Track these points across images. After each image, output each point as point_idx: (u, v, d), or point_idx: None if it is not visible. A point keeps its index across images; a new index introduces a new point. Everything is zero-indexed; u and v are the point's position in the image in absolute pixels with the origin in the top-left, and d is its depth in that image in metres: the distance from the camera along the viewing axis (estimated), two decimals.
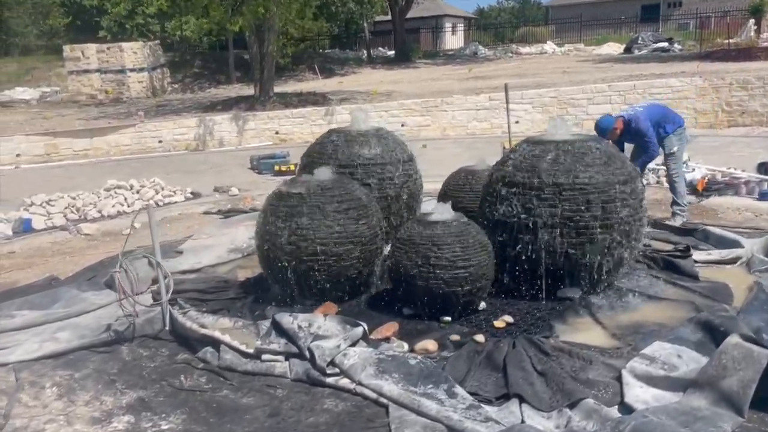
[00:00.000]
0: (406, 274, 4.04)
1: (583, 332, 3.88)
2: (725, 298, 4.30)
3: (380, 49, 32.76)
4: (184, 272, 5.18)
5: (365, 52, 30.83)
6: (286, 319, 3.62)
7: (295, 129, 14.60)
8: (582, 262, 4.23)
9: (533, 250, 4.25)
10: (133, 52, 21.92)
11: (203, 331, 3.74)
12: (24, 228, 6.90)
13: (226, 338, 3.67)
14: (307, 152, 5.46)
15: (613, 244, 4.23)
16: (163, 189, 8.30)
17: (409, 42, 29.07)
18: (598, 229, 4.17)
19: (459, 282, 3.97)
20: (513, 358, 3.38)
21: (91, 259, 5.99)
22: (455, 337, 3.79)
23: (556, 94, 15.13)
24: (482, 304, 4.25)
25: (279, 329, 3.62)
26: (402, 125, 15.06)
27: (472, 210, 4.79)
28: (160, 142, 13.72)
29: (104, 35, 26.78)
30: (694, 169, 7.70)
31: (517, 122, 15.05)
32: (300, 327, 3.57)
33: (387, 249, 4.57)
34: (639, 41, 24.69)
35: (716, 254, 5.08)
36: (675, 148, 6.08)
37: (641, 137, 5.97)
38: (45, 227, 7.04)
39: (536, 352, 3.46)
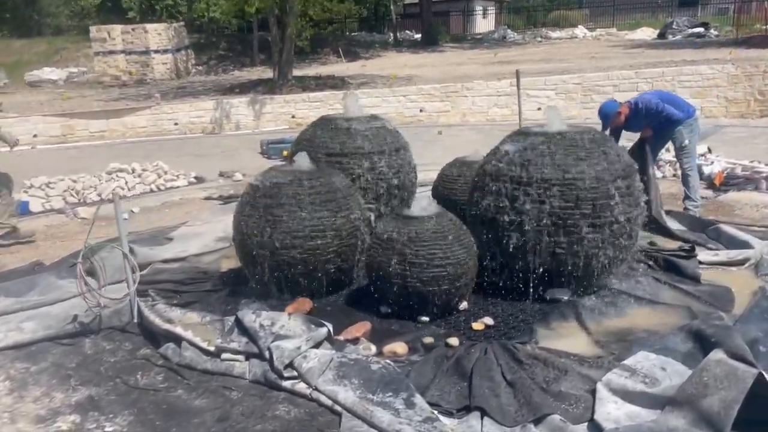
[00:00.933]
0: (382, 272, 3.85)
1: (565, 338, 3.65)
2: (725, 303, 4.02)
3: (407, 32, 32.33)
4: (166, 261, 5.06)
5: (392, 35, 30.45)
6: (248, 317, 3.47)
7: (312, 113, 14.38)
8: (570, 262, 3.99)
9: (519, 249, 4.02)
10: (158, 34, 21.95)
11: (165, 326, 3.61)
12: (21, 210, 6.86)
13: (188, 334, 3.53)
14: (297, 140, 5.27)
15: (605, 245, 3.97)
16: (165, 173, 8.22)
17: (436, 25, 28.59)
18: (588, 229, 3.91)
19: (436, 281, 3.76)
20: (481, 366, 3.17)
21: (82, 244, 5.91)
22: (428, 340, 3.60)
23: (580, 81, 14.67)
24: (464, 304, 4.04)
25: (241, 327, 3.47)
26: (420, 110, 14.80)
27: (466, 203, 4.57)
28: (176, 124, 13.68)
29: (133, 16, 26.84)
30: (712, 162, 7.32)
31: (539, 109, 14.63)
32: (262, 326, 3.41)
33: None
34: (673, 26, 23.86)
35: (723, 255, 4.77)
36: (686, 141, 5.74)
37: (656, 114, 5.57)
38: (42, 210, 6.99)
39: (509, 359, 3.24)
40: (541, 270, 4.04)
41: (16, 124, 12.42)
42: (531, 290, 4.12)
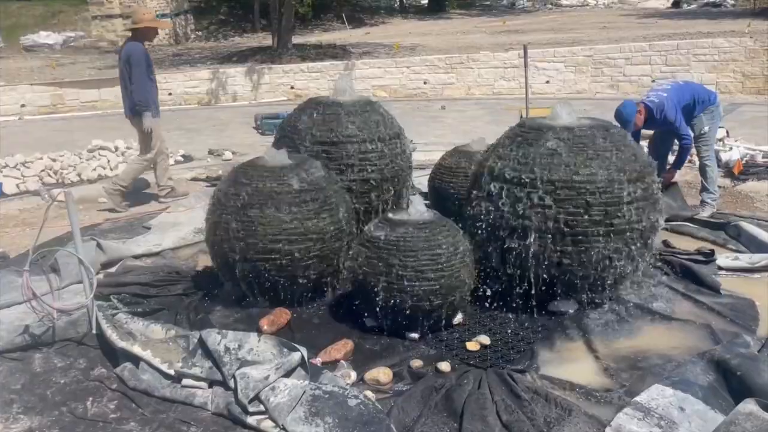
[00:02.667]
0: (366, 284, 3.45)
1: (570, 363, 3.25)
2: (749, 320, 3.62)
3: None
4: (138, 257, 4.67)
5: (398, 0, 29.60)
6: (213, 338, 3.08)
7: (311, 84, 13.89)
8: (579, 273, 3.57)
9: (521, 257, 3.60)
10: None
11: (121, 344, 3.22)
12: None
13: (147, 354, 3.15)
14: (281, 125, 4.83)
15: (617, 255, 3.55)
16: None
17: None
18: (599, 237, 3.49)
19: (427, 296, 3.36)
20: (474, 404, 2.78)
21: (57, 231, 5.52)
22: (417, 363, 3.21)
23: (591, 53, 14.05)
24: (459, 317, 3.65)
25: (205, 349, 3.08)
26: (424, 83, 14.25)
27: (464, 201, 4.14)
28: (170, 94, 13.16)
29: None
30: (731, 148, 6.84)
31: (547, 82, 14.12)
32: (227, 349, 3.02)
33: None
34: None
35: (745, 259, 4.35)
36: (706, 128, 5.27)
37: (671, 126, 5.23)
38: (17, 192, 6.59)
39: (505, 394, 2.85)
40: (546, 281, 3.63)
41: (3, 94, 11.97)
42: (534, 303, 3.72)
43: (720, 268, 4.28)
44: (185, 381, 3.03)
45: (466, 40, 17.59)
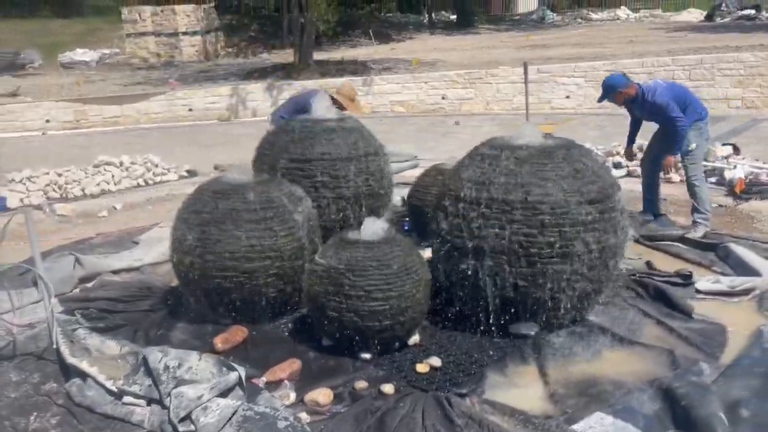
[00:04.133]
0: (318, 303, 3.44)
1: (518, 388, 3.18)
2: (715, 346, 3.48)
3: (443, 12, 31.50)
4: (117, 272, 4.75)
5: (426, 16, 29.71)
6: (154, 356, 3.10)
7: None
8: (535, 295, 3.50)
9: (478, 278, 3.55)
10: (186, 15, 21.79)
11: (70, 360, 3.27)
12: None
13: (93, 371, 3.19)
14: (260, 143, 4.88)
15: (574, 277, 3.47)
16: (156, 166, 7.93)
17: (470, 6, 27.71)
18: (555, 258, 3.41)
19: (376, 316, 3.33)
20: (404, 428, 2.74)
21: (49, 246, 5.67)
22: (361, 385, 3.17)
23: (612, 67, 13.80)
24: (415, 338, 3.60)
25: (146, 367, 3.10)
26: (442, 98, 14.23)
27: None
28: (191, 110, 13.44)
29: None
30: (735, 166, 6.63)
31: (567, 97, 13.97)
32: (167, 367, 3.04)
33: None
34: (722, 8, 22.52)
35: (726, 283, 4.19)
36: (693, 145, 5.11)
37: (661, 112, 5.07)
38: (20, 206, 6.78)
39: (439, 418, 2.80)
40: (502, 302, 3.56)
41: (28, 110, 12.39)
42: (491, 324, 3.65)
43: (698, 291, 4.14)
44: (126, 398, 3.06)
45: (490, 54, 17.55)
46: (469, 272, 3.56)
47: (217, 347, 3.55)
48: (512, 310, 3.61)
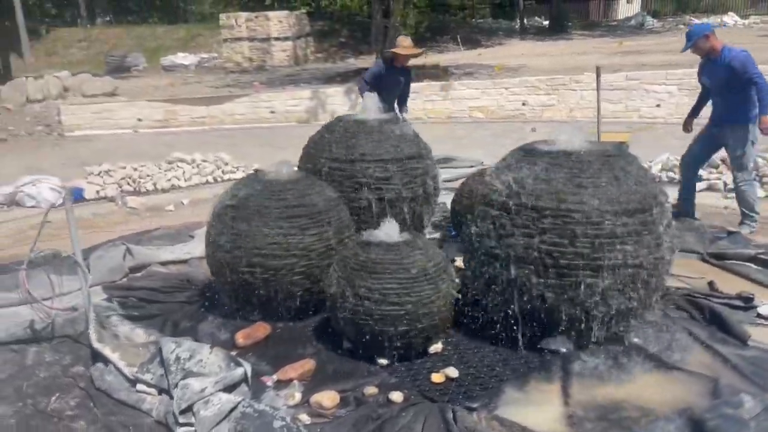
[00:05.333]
0: (335, 304, 3.38)
1: (534, 406, 2.99)
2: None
3: (536, 18, 30.86)
4: (165, 263, 4.89)
5: (518, 21, 29.18)
6: (168, 347, 3.15)
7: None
8: (564, 309, 3.29)
9: (505, 288, 3.38)
10: (279, 21, 22.43)
11: (95, 344, 3.38)
12: (75, 197, 7.04)
13: (115, 356, 3.28)
14: (308, 142, 4.90)
15: (609, 293, 3.23)
16: (226, 164, 8.16)
17: (564, 11, 26.97)
18: (586, 271, 3.19)
19: (392, 321, 3.23)
20: None
21: (113, 236, 5.93)
22: (371, 391, 3.09)
23: None
24: (436, 346, 3.47)
25: (161, 357, 3.15)
26: (523, 104, 13.87)
27: None
28: (272, 112, 13.78)
29: (270, 3, 27.48)
30: None
31: (658, 106, 13.27)
32: (178, 358, 3.08)
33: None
34: None
35: None
36: (745, 149, 4.99)
37: (742, 69, 4.89)
38: (95, 197, 7.16)
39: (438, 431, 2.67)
40: (530, 315, 3.38)
41: (123, 109, 13.11)
42: (520, 338, 3.47)
43: (759, 315, 3.77)
44: (139, 386, 3.12)
45: (578, 61, 16.96)
46: (497, 281, 3.40)
47: (238, 342, 3.57)
48: (542, 324, 3.41)
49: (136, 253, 4.83)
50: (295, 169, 4.32)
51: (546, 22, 28.65)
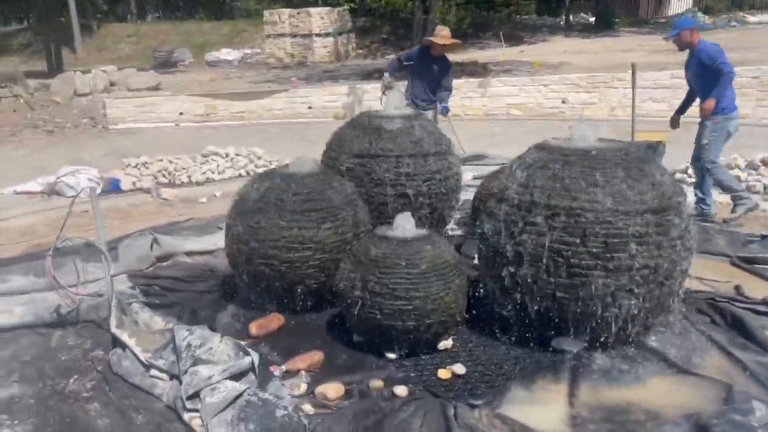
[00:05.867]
0: (346, 297, 3.41)
1: (538, 405, 2.97)
2: None
3: (582, 15, 30.34)
4: (191, 253, 5.00)
5: (564, 18, 28.74)
6: (181, 334, 3.23)
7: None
8: (575, 309, 3.25)
9: (516, 285, 3.36)
10: (320, 17, 22.59)
11: (114, 330, 3.49)
12: (112, 188, 7.29)
13: (132, 342, 3.38)
14: (331, 138, 4.94)
15: (621, 294, 3.18)
16: (259, 158, 8.29)
17: (611, 8, 26.42)
18: (598, 271, 3.15)
19: (400, 315, 3.25)
20: (399, 431, 2.64)
21: (145, 226, 6.08)
22: (376, 384, 3.11)
23: (758, 74, 12.61)
24: (446, 342, 3.47)
25: (174, 344, 3.24)
26: (563, 102, 13.67)
27: None
28: (310, 108, 13.91)
29: None
30: None
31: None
32: (189, 345, 3.15)
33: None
34: None
35: None
36: (705, 141, 5.47)
37: (711, 60, 5.29)
38: (131, 189, 7.36)
39: (437, 427, 2.68)
40: (541, 314, 3.34)
41: (165, 103, 13.42)
42: (532, 336, 3.44)
43: None
44: (152, 371, 3.21)
45: (621, 58, 16.62)
46: (508, 279, 3.37)
47: (252, 332, 3.64)
48: (553, 323, 3.38)
49: (163, 243, 4.96)
50: (315, 163, 4.35)
51: (592, 19, 28.13)
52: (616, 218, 3.11)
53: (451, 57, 7.15)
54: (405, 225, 3.47)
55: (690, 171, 7.24)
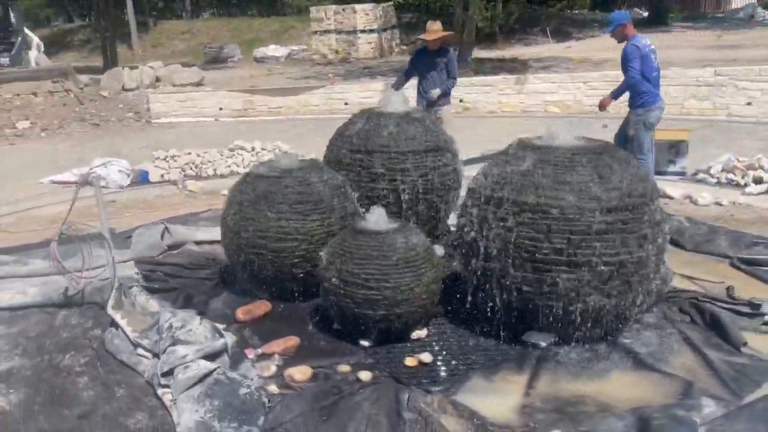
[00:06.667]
0: (324, 286, 3.57)
1: (494, 395, 3.06)
2: (746, 386, 3.04)
3: (636, 9, 29.57)
4: (200, 243, 5.25)
5: None
6: (165, 316, 3.45)
7: (481, 98, 13.90)
8: (542, 304, 3.31)
9: (486, 279, 3.45)
10: (365, 14, 22.78)
11: (110, 311, 3.74)
12: (141, 179, 7.64)
13: (123, 322, 3.62)
14: (334, 133, 5.10)
15: (585, 290, 3.23)
16: (285, 153, 8.51)
17: (666, 2, 25.70)
18: (562, 267, 3.21)
19: (370, 305, 3.38)
20: (345, 414, 2.79)
21: (169, 215, 6.38)
22: (343, 369, 3.26)
23: None
24: (419, 332, 3.59)
25: (159, 324, 3.46)
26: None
27: None
28: (346, 104, 14.10)
29: None
30: None
31: (749, 104, 12.51)
32: (170, 326, 3.36)
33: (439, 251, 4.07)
34: None
35: None
36: (631, 131, 5.93)
37: (623, 60, 5.90)
38: (159, 180, 7.70)
39: (386, 411, 2.81)
40: (510, 307, 3.42)
41: (206, 98, 13.85)
42: (505, 329, 3.52)
43: (765, 323, 3.62)
44: (138, 350, 3.44)
45: (667, 55, 16.20)
46: (480, 272, 3.46)
47: (239, 317, 3.84)
48: (522, 317, 3.45)
49: (174, 232, 5.22)
50: (305, 157, 4.51)
51: (646, 14, 27.45)
52: (579, 215, 3.16)
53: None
54: (379, 218, 3.59)
55: (712, 171, 7.11)
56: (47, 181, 7.77)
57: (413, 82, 7.38)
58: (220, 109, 13.81)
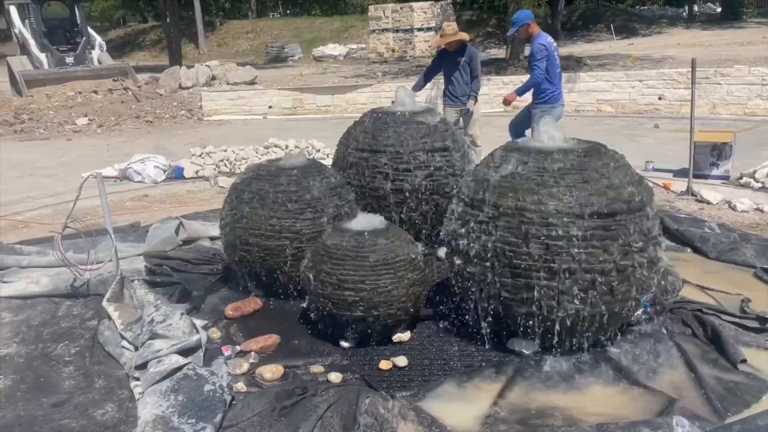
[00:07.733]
0: (307, 286, 3.56)
1: (461, 402, 2.97)
2: (732, 405, 2.85)
3: (708, 5, 28.37)
4: (213, 238, 5.34)
5: (686, 9, 27.01)
6: (149, 310, 3.52)
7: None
8: (522, 310, 3.19)
9: (468, 284, 3.35)
10: (423, 12, 22.70)
11: (104, 303, 3.85)
12: (176, 175, 7.85)
13: (115, 315, 3.72)
14: (344, 133, 5.10)
15: (564, 297, 3.09)
16: (317, 151, 8.58)
17: None
18: (540, 273, 3.08)
19: (348, 306, 3.35)
20: (300, 414, 2.76)
21: (198, 211, 6.54)
22: (316, 369, 3.25)
23: None
24: (402, 335, 3.53)
25: (142, 318, 3.53)
26: (659, 98, 12.92)
27: None
28: (392, 102, 14.08)
29: None
30: None
31: None
32: (152, 320, 3.43)
33: (441, 253, 4.04)
34: None
35: None
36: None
37: (531, 57, 5.95)
38: (193, 176, 7.89)
39: (342, 413, 2.77)
40: (491, 314, 3.32)
41: (256, 96, 14.12)
42: (488, 336, 3.42)
43: None
44: (123, 342, 3.52)
45: (735, 52, 15.48)
46: (462, 277, 3.38)
47: (228, 314, 3.88)
48: (504, 324, 3.34)
49: (188, 227, 5.33)
50: (305, 157, 4.52)
51: (719, 10, 26.26)
52: (558, 220, 3.03)
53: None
54: (364, 219, 3.55)
55: (757, 175, 6.70)
56: (86, 176, 8.07)
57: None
58: (270, 107, 14.04)
